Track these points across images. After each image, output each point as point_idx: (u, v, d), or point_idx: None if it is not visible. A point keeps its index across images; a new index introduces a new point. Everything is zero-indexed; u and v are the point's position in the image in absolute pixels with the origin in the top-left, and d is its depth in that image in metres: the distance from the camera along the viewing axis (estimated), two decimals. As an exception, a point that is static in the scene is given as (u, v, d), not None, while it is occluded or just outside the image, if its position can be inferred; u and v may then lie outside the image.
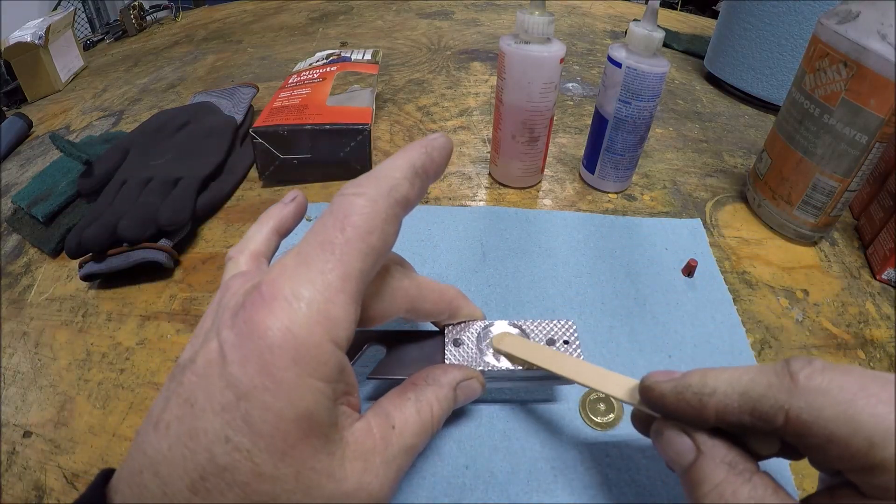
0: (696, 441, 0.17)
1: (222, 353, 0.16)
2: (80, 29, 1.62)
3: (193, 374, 0.16)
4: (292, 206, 0.25)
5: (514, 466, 0.25)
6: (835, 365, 0.16)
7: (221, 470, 0.15)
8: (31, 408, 0.30)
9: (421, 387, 0.22)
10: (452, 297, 0.25)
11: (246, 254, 0.23)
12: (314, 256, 0.17)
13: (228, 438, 0.15)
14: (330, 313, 0.16)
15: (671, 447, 0.18)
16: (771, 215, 0.40)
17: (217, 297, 0.19)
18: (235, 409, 0.15)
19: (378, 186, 0.18)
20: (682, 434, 0.18)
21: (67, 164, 0.46)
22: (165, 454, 0.15)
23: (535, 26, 0.35)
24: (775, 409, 0.15)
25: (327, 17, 0.90)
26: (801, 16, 0.51)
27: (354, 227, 0.17)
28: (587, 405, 0.27)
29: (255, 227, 0.24)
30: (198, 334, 0.18)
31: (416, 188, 0.19)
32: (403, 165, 0.19)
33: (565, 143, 0.51)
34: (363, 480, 0.18)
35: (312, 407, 0.16)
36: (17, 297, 0.37)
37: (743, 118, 0.58)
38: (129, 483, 0.16)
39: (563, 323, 0.26)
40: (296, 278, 0.16)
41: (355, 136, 0.43)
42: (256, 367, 0.15)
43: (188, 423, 0.15)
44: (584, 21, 0.88)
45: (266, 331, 0.15)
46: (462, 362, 0.24)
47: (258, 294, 0.16)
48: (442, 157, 0.20)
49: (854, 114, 0.32)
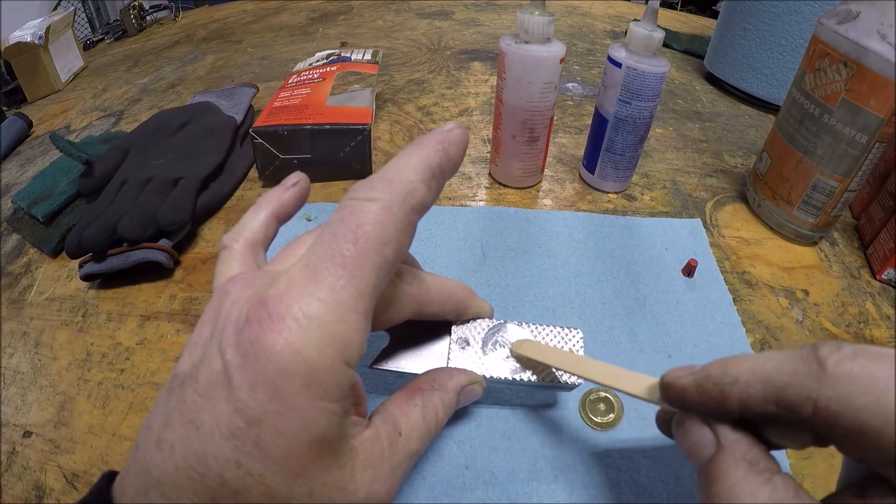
0: (718, 434, 0.16)
1: (227, 374, 0.15)
2: (80, 29, 1.62)
3: (196, 393, 0.15)
4: (294, 191, 0.23)
5: (515, 466, 0.25)
6: (866, 349, 0.14)
7: (234, 493, 0.15)
8: (31, 408, 0.30)
9: (428, 392, 0.22)
10: (460, 297, 0.24)
11: (241, 242, 0.21)
12: (325, 271, 0.16)
13: (240, 463, 0.15)
14: (342, 334, 0.15)
15: (691, 439, 0.17)
16: (771, 215, 0.40)
17: (215, 303, 0.18)
18: (246, 435, 0.15)
19: (393, 191, 0.17)
20: (704, 426, 0.17)
21: (67, 164, 0.46)
22: (172, 475, 0.15)
23: (535, 26, 0.35)
24: (802, 398, 0.14)
25: (327, 17, 0.90)
26: (801, 16, 0.51)
27: (367, 238, 0.16)
28: (587, 405, 0.27)
29: (252, 211, 0.23)
30: (196, 342, 0.17)
31: (432, 191, 0.18)
32: (419, 166, 0.17)
33: (565, 143, 0.51)
34: (372, 489, 0.17)
35: (325, 428, 0.16)
36: (17, 297, 0.37)
37: (743, 118, 0.58)
38: (134, 500, 0.16)
39: (571, 332, 0.26)
40: (305, 296, 0.15)
41: (355, 136, 0.43)
42: (266, 392, 0.15)
43: (195, 447, 0.15)
44: (584, 21, 0.88)
45: (275, 354, 0.15)
46: (466, 363, 0.24)
47: (264, 311, 0.15)
48: (459, 152, 0.19)
49: (854, 114, 0.32)
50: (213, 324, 0.17)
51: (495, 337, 0.25)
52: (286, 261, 0.20)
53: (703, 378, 0.17)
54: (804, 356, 0.15)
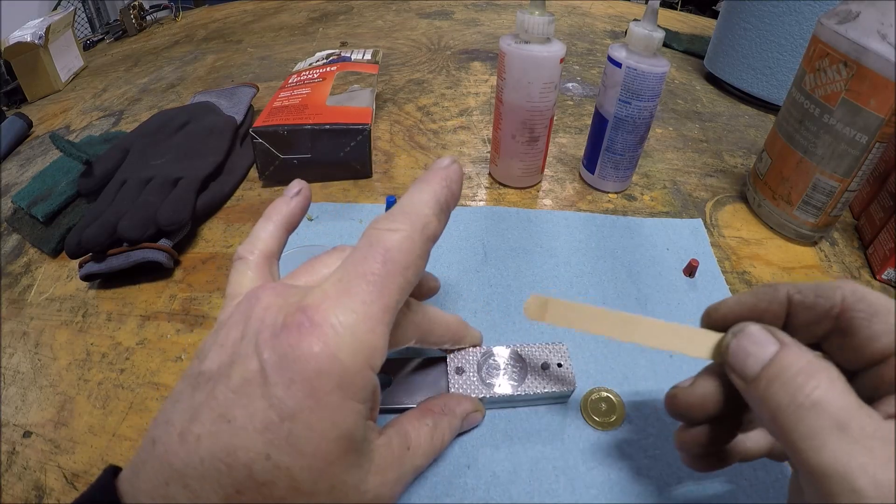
0: (779, 336, 0.17)
1: (264, 373, 0.16)
2: (80, 29, 1.62)
3: (229, 390, 0.16)
4: (298, 200, 0.25)
5: (516, 466, 0.25)
6: None
7: (259, 485, 0.16)
8: (31, 408, 0.30)
9: (438, 415, 0.24)
10: (456, 329, 0.26)
11: (257, 254, 0.23)
12: (357, 287, 0.17)
13: (269, 456, 0.16)
14: (371, 342, 0.17)
15: (753, 341, 0.17)
16: (771, 215, 0.40)
17: (243, 307, 0.19)
18: (279, 429, 0.16)
19: (412, 223, 0.19)
20: (764, 329, 0.17)
21: (67, 164, 0.46)
22: (197, 468, 0.16)
23: (535, 26, 0.35)
24: (833, 288, 0.18)
25: (327, 17, 0.90)
26: (801, 16, 0.51)
27: (394, 262, 0.18)
28: (588, 405, 0.27)
29: (261, 223, 0.24)
30: (223, 343, 0.18)
31: (442, 223, 0.20)
32: (431, 201, 0.20)
33: (565, 143, 0.51)
34: (380, 492, 0.19)
35: (352, 427, 0.17)
36: (17, 297, 0.37)
37: (743, 118, 0.58)
38: (151, 494, 0.16)
39: (556, 346, 0.28)
40: (340, 307, 0.17)
41: (355, 136, 0.43)
42: (303, 390, 0.16)
43: (225, 440, 0.16)
44: (584, 21, 0.88)
45: (314, 356, 0.16)
46: (465, 389, 0.26)
47: (304, 318, 0.17)
48: (459, 188, 0.21)
49: (854, 114, 0.32)
50: (243, 327, 0.18)
51: (488, 361, 0.28)
52: (305, 276, 0.22)
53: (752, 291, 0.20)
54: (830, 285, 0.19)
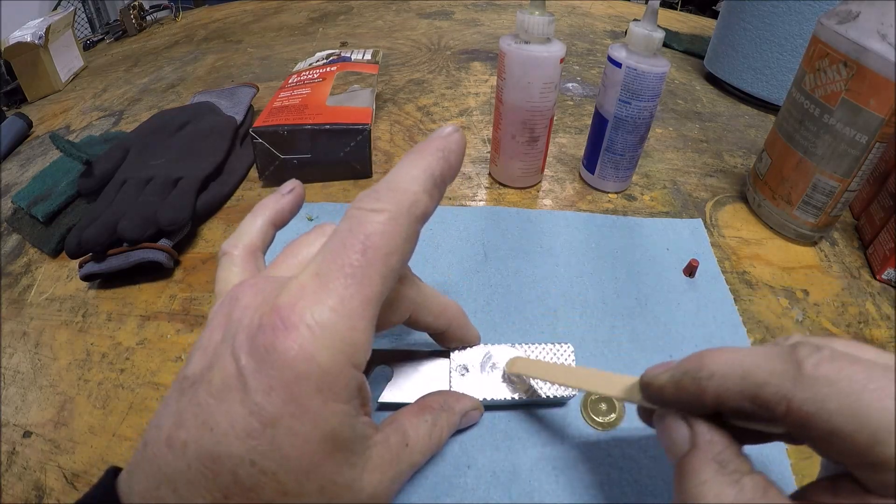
0: (694, 432, 0.17)
1: (242, 378, 0.15)
2: (80, 29, 1.62)
3: (210, 395, 0.16)
4: (290, 198, 0.24)
5: (516, 466, 0.25)
6: (845, 352, 0.14)
7: (247, 490, 0.15)
8: (31, 408, 0.30)
9: (437, 412, 0.23)
10: (454, 314, 0.25)
11: (241, 248, 0.22)
12: (334, 280, 0.16)
13: (254, 462, 0.15)
14: (352, 339, 0.16)
15: (669, 435, 0.17)
16: (771, 215, 0.40)
17: (225, 307, 0.18)
18: (261, 436, 0.15)
19: (398, 202, 0.17)
20: (681, 422, 0.17)
21: (67, 164, 0.46)
22: (185, 473, 0.15)
23: (535, 26, 0.35)
24: (778, 397, 0.14)
25: (327, 17, 0.90)
26: (801, 16, 0.51)
27: (375, 249, 0.16)
28: (589, 405, 0.27)
29: (249, 218, 0.23)
30: (205, 346, 0.17)
31: (434, 200, 0.18)
32: (421, 175, 0.18)
33: (565, 143, 0.51)
34: (376, 490, 0.19)
35: (337, 427, 0.16)
36: (17, 297, 0.37)
37: (743, 118, 0.58)
38: (145, 496, 0.16)
39: (562, 347, 0.28)
40: (317, 304, 0.16)
41: (355, 136, 0.43)
42: (282, 396, 0.15)
43: (208, 447, 0.15)
44: (584, 21, 0.88)
45: (290, 360, 0.15)
46: (467, 388, 0.26)
47: (278, 318, 0.16)
48: (459, 159, 0.19)
49: (854, 114, 0.32)
50: (223, 328, 0.17)
51: (492, 360, 0.27)
52: (288, 262, 0.21)
53: (681, 373, 0.17)
54: (783, 355, 0.15)
